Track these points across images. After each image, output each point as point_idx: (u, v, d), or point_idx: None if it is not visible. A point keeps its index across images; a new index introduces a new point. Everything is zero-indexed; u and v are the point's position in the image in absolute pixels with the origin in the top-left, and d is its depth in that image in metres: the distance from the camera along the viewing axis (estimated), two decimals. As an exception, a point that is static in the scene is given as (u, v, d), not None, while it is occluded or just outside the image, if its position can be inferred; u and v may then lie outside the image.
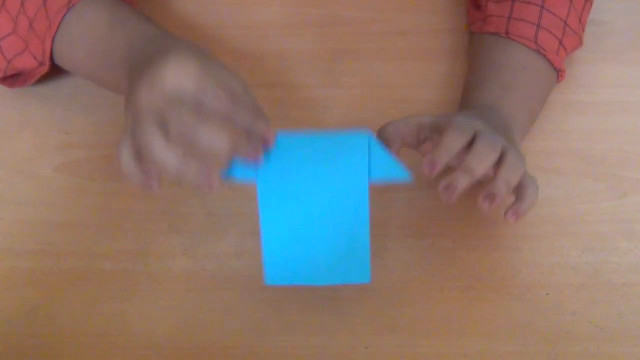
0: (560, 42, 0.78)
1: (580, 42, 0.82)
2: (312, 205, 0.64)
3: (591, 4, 0.83)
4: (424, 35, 0.88)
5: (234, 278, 0.71)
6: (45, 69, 0.76)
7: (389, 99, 0.83)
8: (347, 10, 0.90)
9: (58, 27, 0.72)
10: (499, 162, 0.63)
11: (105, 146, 0.78)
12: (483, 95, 0.76)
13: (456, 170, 0.62)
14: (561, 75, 0.80)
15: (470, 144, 0.63)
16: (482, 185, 0.64)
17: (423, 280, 0.72)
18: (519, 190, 0.66)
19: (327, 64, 0.86)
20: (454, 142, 0.63)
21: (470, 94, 0.78)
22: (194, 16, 0.90)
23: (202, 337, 0.69)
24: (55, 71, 0.78)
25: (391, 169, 0.63)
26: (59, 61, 0.75)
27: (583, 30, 0.83)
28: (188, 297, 0.71)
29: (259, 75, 0.85)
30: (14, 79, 0.79)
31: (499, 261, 0.73)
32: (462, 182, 0.62)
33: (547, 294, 0.71)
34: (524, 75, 0.77)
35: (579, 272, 0.72)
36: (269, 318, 0.70)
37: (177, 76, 0.59)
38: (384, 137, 0.67)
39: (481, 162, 0.62)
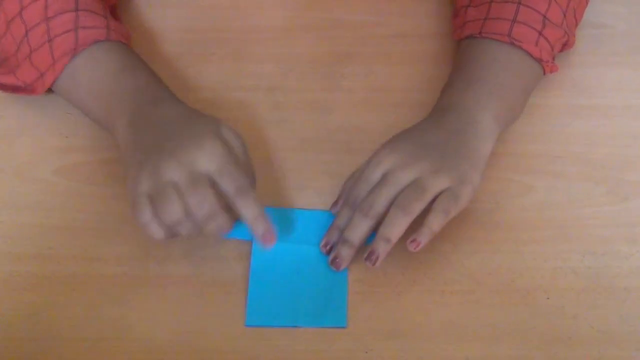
0: (540, 34, 0.77)
1: (566, 35, 0.79)
2: (298, 260, 0.73)
3: (587, 1, 0.82)
4: (424, 39, 0.88)
5: (234, 283, 0.70)
6: (35, 94, 0.77)
7: (389, 102, 0.83)
8: (348, 13, 0.90)
9: (63, 68, 0.74)
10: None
11: (105, 150, 0.78)
12: (446, 94, 0.77)
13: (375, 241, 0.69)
14: (548, 67, 0.78)
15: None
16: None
17: (423, 285, 0.72)
18: (425, 215, 0.69)
19: (327, 67, 0.86)
20: (343, 220, 0.72)
21: (439, 96, 0.78)
22: (193, 20, 0.90)
23: (202, 341, 0.69)
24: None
25: None
26: (57, 91, 0.78)
27: (576, 25, 0.82)
28: (187, 301, 0.71)
29: (259, 79, 0.85)
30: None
31: (499, 265, 0.73)
32: (383, 250, 0.69)
33: (548, 298, 0.71)
34: (494, 67, 0.76)
35: (580, 276, 0.72)
36: (269, 322, 0.70)
37: (207, 162, 0.66)
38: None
39: (353, 232, 0.70)
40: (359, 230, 0.69)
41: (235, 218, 0.67)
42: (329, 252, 0.72)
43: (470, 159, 0.71)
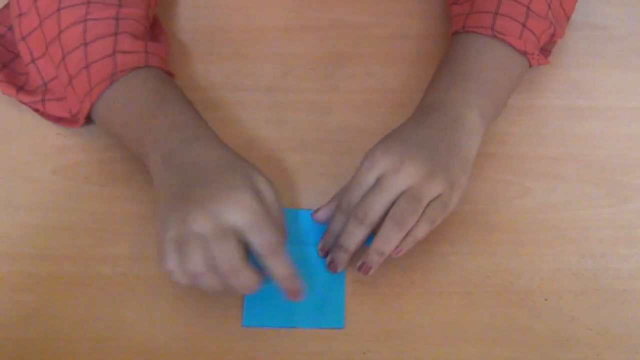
0: (524, 26, 0.76)
1: (552, 26, 0.78)
2: (295, 261, 0.67)
3: None
4: (423, 40, 0.88)
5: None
6: (77, 125, 0.77)
7: (388, 103, 0.83)
8: (347, 14, 0.89)
9: (99, 96, 0.73)
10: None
11: (103, 150, 0.78)
12: (431, 91, 0.76)
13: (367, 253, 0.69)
14: (534, 59, 0.77)
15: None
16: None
17: (421, 286, 0.72)
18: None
19: (326, 68, 0.86)
20: (337, 225, 0.71)
21: (424, 93, 0.77)
22: (194, 20, 0.90)
23: (199, 342, 0.69)
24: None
25: None
26: (94, 119, 0.76)
27: (567, 17, 0.81)
28: (185, 302, 0.70)
29: (259, 79, 0.84)
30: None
31: (498, 267, 0.73)
32: (376, 262, 0.68)
33: (547, 299, 0.71)
34: (478, 61, 0.76)
35: (579, 278, 0.72)
36: (267, 323, 0.70)
37: (237, 215, 0.63)
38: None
39: (348, 239, 0.70)
40: (354, 237, 0.69)
41: (263, 276, 0.65)
42: (326, 256, 0.72)
43: (460, 161, 0.70)
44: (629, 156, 0.79)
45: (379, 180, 0.68)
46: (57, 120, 0.79)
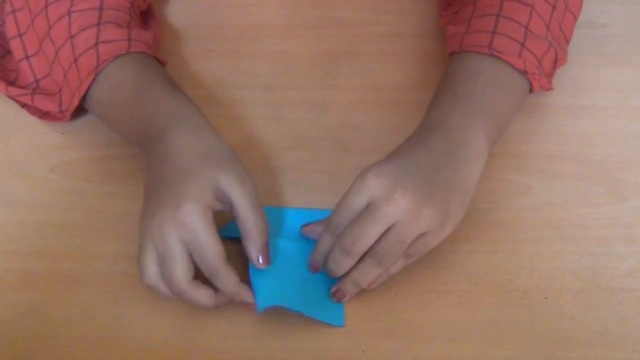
0: (523, 45, 0.74)
1: (552, 49, 0.76)
2: (295, 260, 0.70)
3: (574, 16, 0.79)
4: (422, 38, 0.88)
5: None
6: (64, 120, 0.77)
7: (387, 101, 0.83)
8: (346, 12, 0.89)
9: (87, 90, 0.73)
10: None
11: (101, 147, 0.78)
12: (433, 112, 0.73)
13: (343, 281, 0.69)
14: (536, 80, 0.75)
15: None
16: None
17: (420, 284, 0.71)
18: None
19: (324, 65, 0.85)
20: (325, 246, 0.69)
21: (425, 114, 0.74)
22: (192, 17, 0.90)
23: (197, 341, 0.68)
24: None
25: None
26: (91, 112, 0.77)
27: (567, 40, 0.80)
28: (184, 300, 0.70)
29: (257, 77, 0.84)
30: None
31: (497, 265, 0.72)
32: (351, 293, 0.69)
33: (546, 298, 0.71)
34: (479, 81, 0.73)
35: (578, 277, 0.72)
36: (265, 322, 0.69)
37: (180, 235, 0.64)
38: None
39: (333, 265, 0.68)
40: (341, 266, 0.67)
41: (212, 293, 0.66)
42: (316, 272, 0.70)
43: (459, 192, 0.68)
44: (629, 155, 0.79)
45: (369, 207, 0.65)
46: (44, 115, 0.79)
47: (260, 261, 0.67)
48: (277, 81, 0.84)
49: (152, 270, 0.65)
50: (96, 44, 0.73)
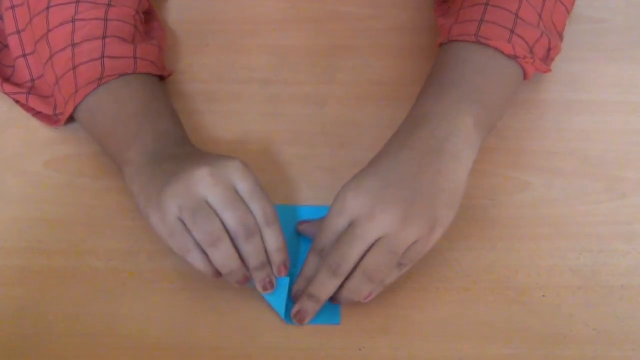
0: (513, 31, 0.73)
1: (546, 37, 0.75)
2: (293, 257, 0.70)
3: (566, 8, 0.78)
4: (420, 32, 0.87)
5: (218, 279, 0.69)
6: (58, 124, 0.77)
7: (385, 96, 0.82)
8: (344, 5, 0.89)
9: (84, 97, 0.72)
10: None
11: (95, 142, 0.77)
12: (419, 104, 0.72)
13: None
14: (528, 64, 0.73)
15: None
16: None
17: (418, 282, 0.71)
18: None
19: (322, 60, 0.85)
20: (311, 269, 0.68)
21: (411, 108, 0.72)
22: (189, 10, 0.89)
23: (192, 337, 0.68)
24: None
25: None
26: (78, 120, 0.76)
27: (559, 33, 0.79)
28: (179, 297, 0.70)
29: (254, 72, 0.84)
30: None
31: (495, 262, 0.72)
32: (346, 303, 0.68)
33: (544, 295, 0.71)
34: (466, 69, 0.72)
35: (577, 274, 0.72)
36: (261, 318, 0.69)
37: (207, 191, 0.64)
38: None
39: (318, 288, 0.66)
40: (325, 288, 0.66)
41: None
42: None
43: (446, 193, 0.66)
44: (628, 151, 0.79)
45: (351, 226, 0.64)
46: (36, 114, 0.78)
47: None
48: (274, 76, 0.84)
49: (174, 210, 0.64)
50: (102, 57, 0.73)
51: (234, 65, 0.85)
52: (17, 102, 0.79)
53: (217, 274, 0.66)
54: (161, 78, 0.80)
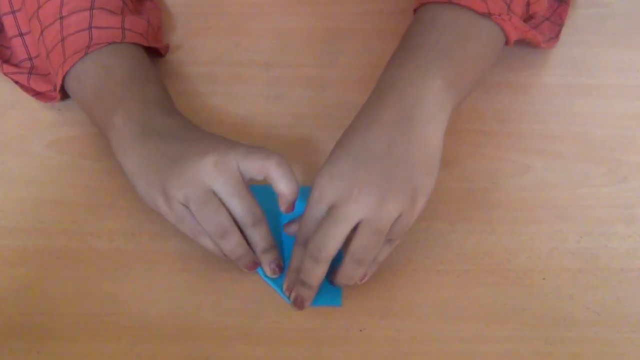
0: None
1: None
2: (293, 242, 0.69)
3: None
4: (423, 15, 0.87)
5: (228, 259, 0.70)
6: (55, 100, 0.77)
7: (387, 79, 0.82)
8: (345, -11, 0.89)
9: (72, 66, 0.72)
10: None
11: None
12: (386, 70, 0.69)
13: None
14: (506, 22, 0.70)
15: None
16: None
17: (419, 264, 0.71)
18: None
19: (324, 43, 0.85)
20: (297, 261, 0.68)
21: (380, 76, 0.70)
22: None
23: (194, 318, 0.68)
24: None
25: None
26: (68, 90, 0.76)
27: (558, 29, 0.79)
28: (181, 277, 0.70)
29: (256, 54, 0.84)
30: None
31: (496, 245, 0.72)
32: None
33: (544, 278, 0.71)
34: (434, 30, 0.69)
35: (577, 257, 0.72)
36: (263, 300, 0.69)
37: (215, 180, 0.65)
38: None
39: (307, 276, 0.67)
40: (313, 275, 0.66)
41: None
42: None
43: (423, 159, 0.65)
44: (630, 135, 0.79)
45: (329, 210, 0.64)
46: (36, 94, 0.78)
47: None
48: (276, 59, 0.84)
49: (181, 199, 0.65)
50: (89, 28, 0.73)
51: (236, 47, 0.85)
52: (16, 82, 0.79)
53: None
54: (158, 55, 0.80)
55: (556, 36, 0.82)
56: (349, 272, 0.66)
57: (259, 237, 0.67)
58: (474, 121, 0.79)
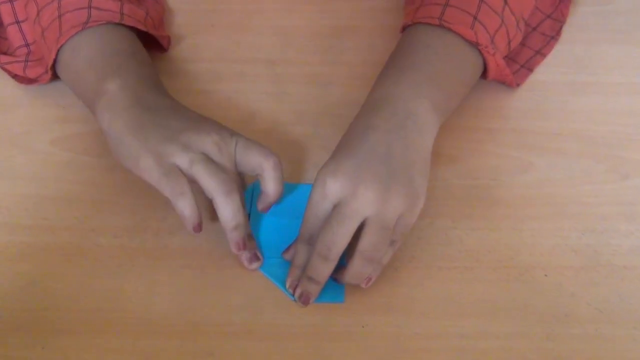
0: (475, 18, 0.73)
1: (503, 26, 0.74)
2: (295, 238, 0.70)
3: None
4: (426, 13, 0.87)
5: (231, 256, 0.70)
6: (47, 77, 0.77)
7: (390, 76, 0.82)
8: (349, -14, 0.89)
9: (68, 39, 0.72)
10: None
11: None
12: (379, 85, 0.72)
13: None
14: (490, 54, 0.73)
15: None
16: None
17: (421, 260, 0.71)
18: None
19: (327, 40, 0.85)
20: (299, 259, 0.68)
21: (371, 90, 0.73)
22: (193, -9, 0.89)
23: (197, 314, 0.68)
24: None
25: None
26: (58, 65, 0.76)
27: (560, 25, 0.80)
28: (184, 274, 0.70)
29: (259, 51, 0.84)
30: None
31: (498, 242, 0.72)
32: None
33: (547, 275, 0.71)
34: (427, 52, 0.72)
35: (579, 254, 0.72)
36: (265, 296, 0.69)
37: (204, 144, 0.67)
38: None
39: (314, 272, 0.66)
40: (321, 272, 0.66)
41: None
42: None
43: (417, 164, 0.66)
44: (631, 132, 0.79)
45: (337, 207, 0.64)
46: (30, 82, 0.79)
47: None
48: (279, 56, 0.84)
49: (184, 160, 0.65)
50: (89, 7, 0.73)
51: (239, 45, 0.85)
52: (9, 73, 0.79)
53: (199, 226, 0.67)
54: (159, 49, 0.80)
55: (557, 34, 0.82)
56: (358, 270, 0.66)
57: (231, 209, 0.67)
58: (476, 118, 0.80)
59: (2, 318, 0.68)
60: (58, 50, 0.73)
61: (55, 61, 0.75)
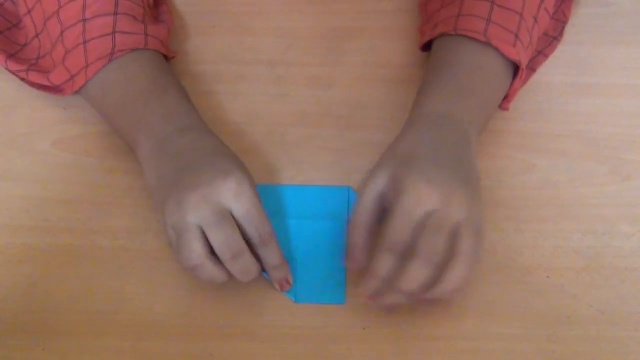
0: (517, 36, 0.73)
1: (531, 45, 0.76)
2: (298, 236, 0.72)
3: (548, 14, 0.78)
4: (427, 14, 0.87)
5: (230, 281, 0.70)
6: (62, 94, 0.76)
7: (391, 78, 0.82)
8: (350, -13, 0.89)
9: (96, 73, 0.72)
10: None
11: (102, 122, 0.77)
12: (436, 99, 0.72)
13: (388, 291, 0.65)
14: (519, 77, 0.74)
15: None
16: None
17: (422, 262, 0.71)
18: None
19: (328, 41, 0.85)
20: (383, 268, 0.65)
21: (423, 98, 0.73)
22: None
23: (198, 315, 0.69)
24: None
25: None
26: (84, 96, 0.76)
27: (562, 26, 0.81)
28: (185, 275, 0.70)
29: (261, 53, 0.84)
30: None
31: (499, 243, 0.72)
32: (391, 300, 0.66)
33: (548, 276, 0.71)
34: (480, 76, 0.72)
35: (581, 256, 0.72)
36: (266, 297, 0.69)
37: (231, 201, 0.65)
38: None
39: (413, 282, 0.63)
40: (417, 280, 0.63)
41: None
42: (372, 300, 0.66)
43: (476, 180, 0.68)
44: (633, 133, 0.79)
45: (434, 214, 0.63)
46: (41, 87, 0.78)
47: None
48: (281, 57, 0.84)
49: (199, 247, 0.64)
50: (113, 33, 0.73)
51: (241, 46, 0.85)
52: (22, 79, 0.79)
53: (224, 281, 0.67)
54: (166, 59, 0.80)
55: (560, 34, 0.82)
56: (459, 273, 0.63)
57: (269, 255, 0.67)
58: (478, 120, 0.79)
59: (3, 319, 0.68)
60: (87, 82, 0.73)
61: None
